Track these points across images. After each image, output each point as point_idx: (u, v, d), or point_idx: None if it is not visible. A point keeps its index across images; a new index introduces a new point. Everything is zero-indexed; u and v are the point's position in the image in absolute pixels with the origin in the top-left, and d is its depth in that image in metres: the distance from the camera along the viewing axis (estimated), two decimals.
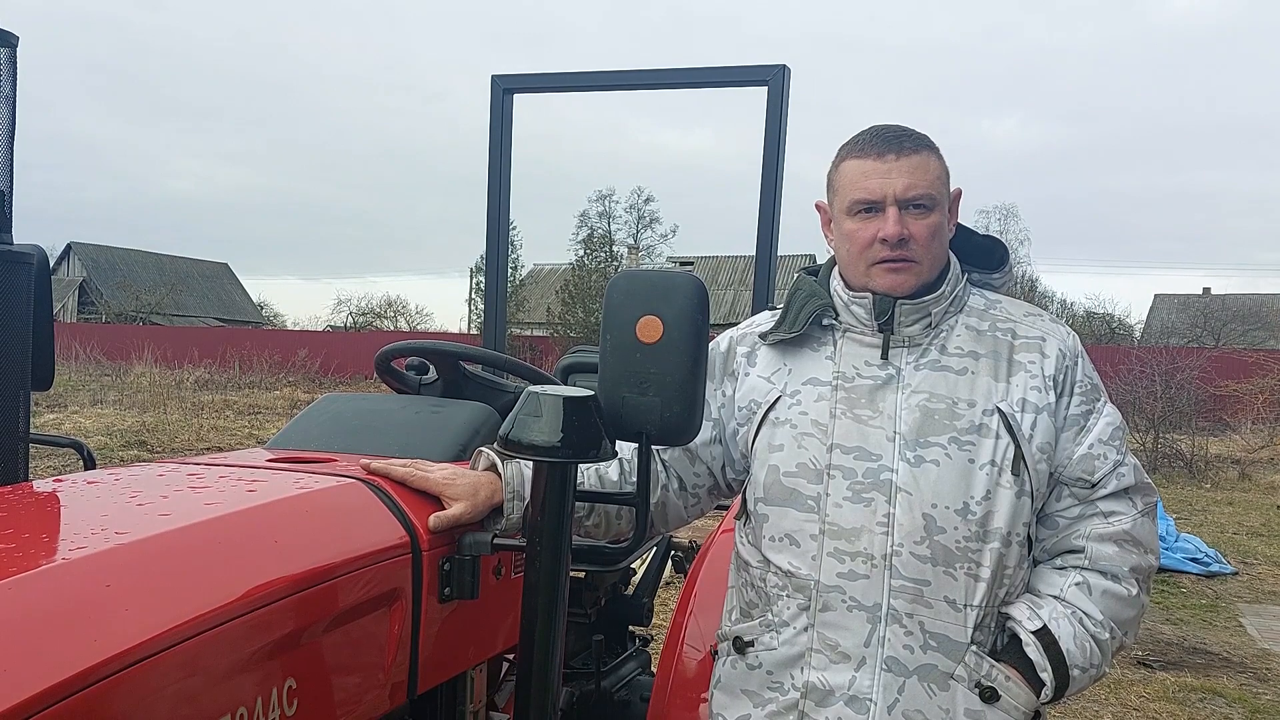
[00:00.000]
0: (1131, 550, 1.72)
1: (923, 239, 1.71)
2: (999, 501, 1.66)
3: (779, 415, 1.78)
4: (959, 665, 1.66)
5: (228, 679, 1.28)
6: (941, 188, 1.74)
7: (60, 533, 1.44)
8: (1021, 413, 1.69)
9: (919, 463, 1.67)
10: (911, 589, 1.65)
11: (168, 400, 18.95)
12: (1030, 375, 1.72)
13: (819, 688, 1.69)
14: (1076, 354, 1.77)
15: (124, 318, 45.40)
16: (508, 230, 3.66)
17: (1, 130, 2.03)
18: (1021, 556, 1.70)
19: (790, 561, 1.72)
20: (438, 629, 1.72)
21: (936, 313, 1.75)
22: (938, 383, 1.72)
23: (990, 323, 1.78)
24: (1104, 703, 5.23)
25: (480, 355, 2.54)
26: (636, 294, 1.50)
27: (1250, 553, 9.35)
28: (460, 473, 1.79)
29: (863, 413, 1.72)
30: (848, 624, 1.67)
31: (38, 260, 2.06)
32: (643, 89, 3.58)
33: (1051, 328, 1.79)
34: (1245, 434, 17.92)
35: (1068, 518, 1.74)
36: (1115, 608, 1.71)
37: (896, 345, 1.76)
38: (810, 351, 1.81)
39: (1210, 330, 35.85)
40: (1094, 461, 1.72)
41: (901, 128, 1.77)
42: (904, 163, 1.71)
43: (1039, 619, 1.68)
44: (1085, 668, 1.68)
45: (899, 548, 1.65)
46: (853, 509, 1.68)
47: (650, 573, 3.22)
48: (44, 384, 2.16)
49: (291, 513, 1.58)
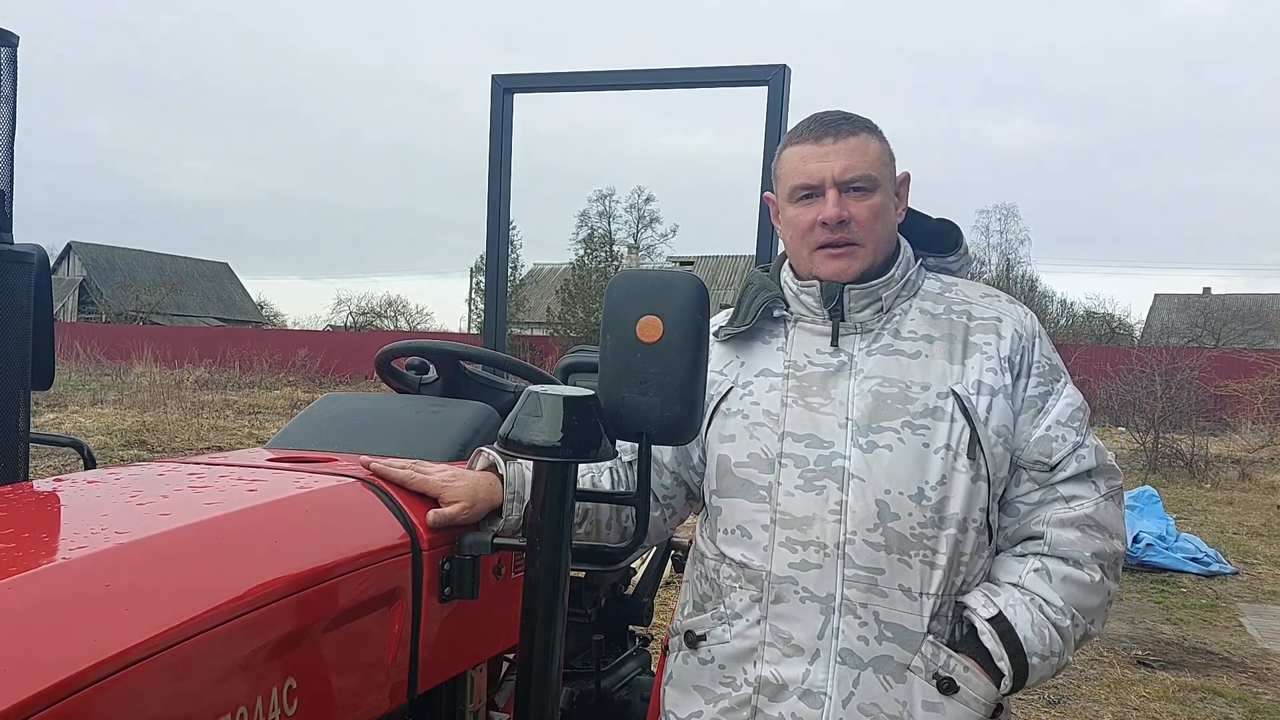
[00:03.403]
0: (1095, 535, 1.68)
1: (864, 220, 1.69)
2: (954, 486, 1.63)
3: (730, 406, 1.77)
4: (915, 656, 1.63)
5: (228, 679, 1.28)
6: (882, 169, 1.72)
7: (60, 532, 1.44)
8: (977, 395, 1.66)
9: (871, 448, 1.65)
10: (865, 578, 1.63)
11: (168, 400, 18.96)
12: (986, 357, 1.69)
13: (772, 682, 1.67)
14: (1034, 334, 1.74)
15: (124, 317, 45.40)
16: (508, 230, 3.66)
17: (2, 130, 2.03)
18: (980, 544, 1.67)
19: (743, 553, 1.71)
20: (438, 629, 1.72)
21: (887, 296, 1.73)
22: (890, 367, 1.70)
23: (945, 305, 1.75)
24: (1104, 703, 5.24)
25: (480, 355, 2.54)
26: (636, 294, 1.50)
27: (1250, 553, 9.35)
28: (460, 474, 1.79)
29: (814, 400, 1.71)
30: (800, 615, 1.65)
31: (38, 260, 2.06)
32: (643, 89, 3.58)
33: (1008, 308, 1.76)
34: (1245, 434, 17.92)
35: (1028, 503, 1.71)
36: (1077, 594, 1.67)
37: (847, 332, 1.74)
38: (761, 344, 1.81)
39: (1210, 330, 35.88)
40: (1052, 444, 1.68)
41: (841, 112, 1.75)
42: (841, 145, 1.70)
43: (994, 606, 1.65)
44: (1045, 655, 1.64)
45: (852, 535, 1.63)
46: (804, 497, 1.66)
47: (650, 573, 3.22)
48: (44, 384, 2.16)
49: (291, 512, 1.58)
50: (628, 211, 43.56)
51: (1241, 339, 34.50)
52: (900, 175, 1.77)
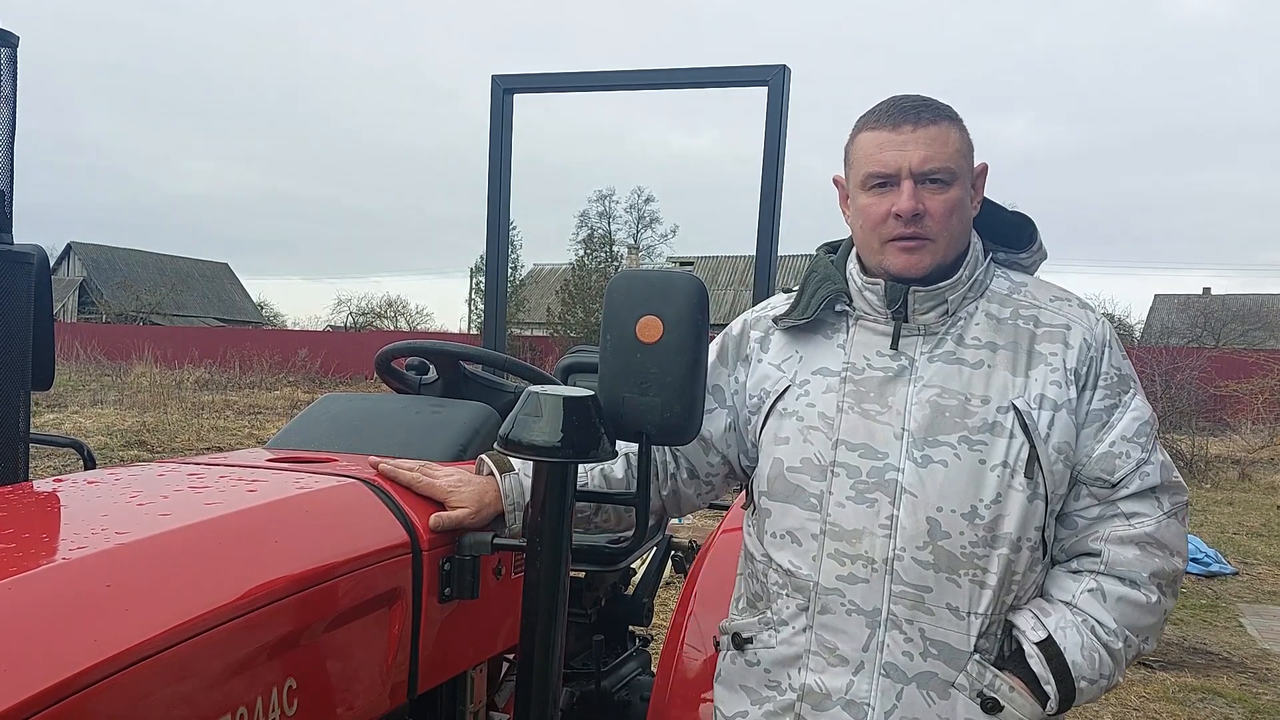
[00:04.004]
0: (1155, 554, 1.63)
1: (939, 215, 1.62)
2: (1010, 505, 1.58)
3: (786, 406, 1.72)
4: (960, 674, 1.60)
5: (228, 679, 1.28)
6: (962, 161, 1.64)
7: (60, 533, 1.44)
8: (1039, 410, 1.60)
9: (926, 463, 1.60)
10: (912, 595, 1.60)
11: (168, 400, 18.94)
12: (1051, 369, 1.63)
13: (816, 691, 1.65)
14: (1104, 343, 1.67)
15: (124, 318, 45.38)
16: (508, 230, 3.65)
17: (2, 130, 2.03)
18: (1034, 560, 1.63)
19: (791, 560, 1.68)
20: (438, 629, 1.72)
21: (953, 300, 1.67)
22: (951, 376, 1.64)
23: (1013, 309, 1.69)
24: (1104, 703, 5.23)
25: (480, 355, 2.54)
26: (636, 294, 1.50)
27: (1250, 553, 9.35)
28: (467, 479, 1.78)
29: (871, 408, 1.66)
30: (846, 627, 1.63)
31: (38, 260, 2.06)
32: (643, 89, 3.58)
33: (1079, 314, 1.69)
34: (1245, 434, 17.91)
35: (1087, 518, 1.65)
36: (1132, 615, 1.63)
37: (910, 334, 1.68)
38: (823, 338, 1.75)
39: (1210, 330, 35.85)
40: (1115, 460, 1.62)
41: (922, 97, 1.67)
42: (921, 134, 1.62)
43: (1044, 629, 1.60)
44: (1094, 679, 1.61)
45: (900, 552, 1.60)
46: (855, 509, 1.63)
47: (650, 573, 3.22)
48: (44, 384, 2.16)
49: (291, 513, 1.58)
50: (628, 212, 43.56)
51: (1241, 339, 34.48)
52: (978, 167, 1.70)
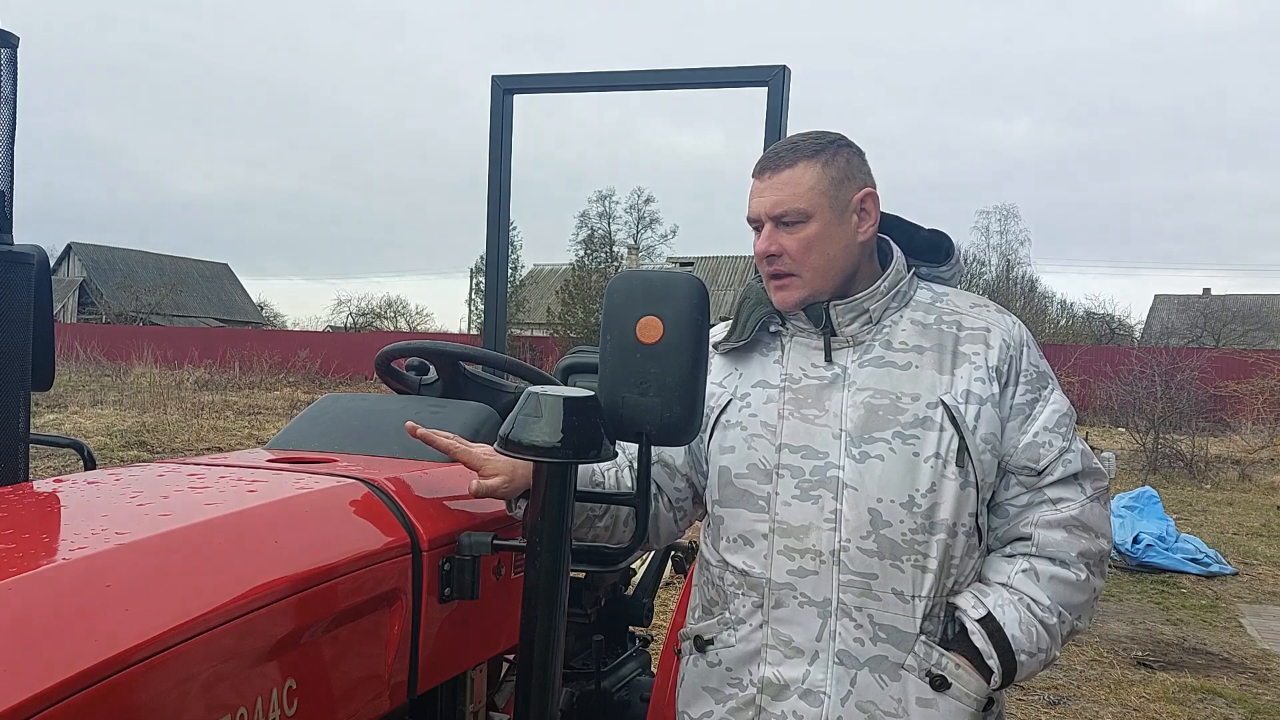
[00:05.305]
0: (1081, 535, 1.75)
1: (795, 251, 1.74)
2: (944, 493, 1.69)
3: (729, 418, 1.83)
4: (909, 655, 1.70)
5: (227, 679, 1.28)
6: (819, 198, 1.74)
7: (60, 533, 1.44)
8: (965, 404, 1.71)
9: (864, 458, 1.71)
10: (860, 583, 1.69)
11: (168, 400, 18.95)
12: (975, 367, 1.74)
13: (774, 682, 1.74)
14: (1022, 343, 1.78)
15: (124, 318, 45.39)
16: (508, 230, 3.66)
17: (2, 130, 2.03)
18: (970, 546, 1.73)
19: (744, 561, 1.78)
20: (438, 629, 1.72)
21: (875, 309, 1.78)
22: (882, 379, 1.75)
23: (936, 315, 1.80)
24: (1104, 703, 5.24)
25: (480, 355, 2.54)
26: (636, 294, 1.51)
27: (1250, 553, 9.35)
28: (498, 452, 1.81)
29: (809, 412, 1.76)
30: (800, 619, 1.72)
31: (38, 260, 2.06)
32: (643, 89, 3.58)
33: (996, 318, 1.81)
34: (1245, 434, 17.92)
35: (1017, 506, 1.77)
36: (1064, 592, 1.74)
37: (840, 345, 1.79)
38: (759, 356, 1.86)
39: (1210, 331, 35.90)
40: (1039, 449, 1.74)
41: (793, 140, 1.80)
42: (774, 180, 1.75)
43: (983, 607, 1.71)
44: (1032, 652, 1.71)
45: (846, 543, 1.70)
46: (801, 507, 1.73)
47: (650, 573, 3.22)
48: (44, 384, 2.16)
49: (291, 513, 1.58)
50: (628, 212, 43.63)
51: (1241, 340, 34.51)
52: (861, 195, 1.77)
